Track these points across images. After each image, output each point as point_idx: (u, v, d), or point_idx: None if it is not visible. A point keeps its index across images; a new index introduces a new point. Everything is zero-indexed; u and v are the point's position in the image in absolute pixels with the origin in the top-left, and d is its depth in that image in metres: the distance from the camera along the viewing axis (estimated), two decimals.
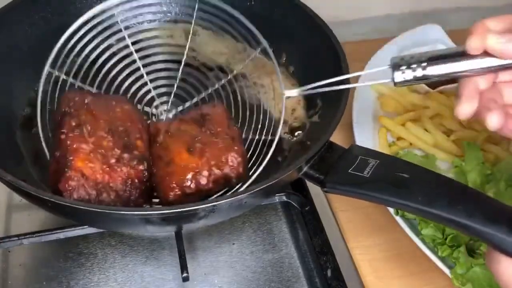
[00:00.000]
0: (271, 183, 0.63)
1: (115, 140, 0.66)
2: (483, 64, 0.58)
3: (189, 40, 0.83)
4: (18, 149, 0.74)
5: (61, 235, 0.76)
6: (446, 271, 0.72)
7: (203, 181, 0.66)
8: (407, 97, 0.92)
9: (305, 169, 0.66)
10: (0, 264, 0.75)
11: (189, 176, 0.66)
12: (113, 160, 0.65)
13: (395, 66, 0.60)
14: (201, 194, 0.67)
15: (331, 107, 0.71)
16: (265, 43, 0.75)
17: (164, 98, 0.81)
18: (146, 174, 0.67)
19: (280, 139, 0.76)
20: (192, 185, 0.66)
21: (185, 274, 0.69)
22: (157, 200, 0.69)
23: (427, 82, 0.63)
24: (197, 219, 0.62)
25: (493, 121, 0.58)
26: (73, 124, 0.66)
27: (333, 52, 0.75)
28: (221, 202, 0.61)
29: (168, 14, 0.87)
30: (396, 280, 0.76)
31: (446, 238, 0.74)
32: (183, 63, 0.82)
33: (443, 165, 0.85)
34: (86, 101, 0.68)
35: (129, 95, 0.80)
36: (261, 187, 0.62)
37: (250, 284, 0.76)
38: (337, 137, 0.68)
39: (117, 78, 0.80)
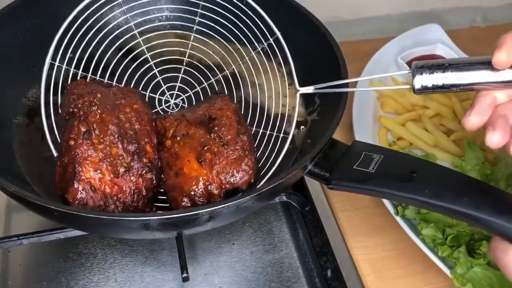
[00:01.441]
0: (277, 183, 0.62)
1: (125, 147, 0.66)
2: (507, 77, 0.56)
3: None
4: (13, 157, 0.73)
5: (61, 235, 0.76)
6: (446, 271, 0.72)
7: (214, 194, 0.66)
8: (407, 97, 0.92)
9: (310, 167, 0.66)
10: (0, 264, 0.75)
11: (200, 190, 0.65)
12: (122, 170, 0.65)
13: (416, 70, 0.58)
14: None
15: (330, 105, 0.71)
16: (278, 33, 0.75)
17: (170, 84, 0.82)
18: (154, 182, 0.67)
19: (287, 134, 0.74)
20: (203, 199, 0.65)
21: (185, 274, 0.68)
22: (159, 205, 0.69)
23: (446, 91, 0.59)
24: (205, 222, 0.62)
25: (494, 140, 0.56)
26: (82, 129, 0.65)
27: (331, 52, 0.75)
28: (229, 203, 0.60)
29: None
30: (396, 280, 0.76)
31: (446, 238, 0.74)
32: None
33: (443, 165, 0.85)
34: (94, 101, 0.67)
35: (133, 80, 0.80)
36: (268, 188, 0.62)
37: (250, 284, 0.76)
38: (336, 137, 0.68)
39: (120, 64, 0.81)
